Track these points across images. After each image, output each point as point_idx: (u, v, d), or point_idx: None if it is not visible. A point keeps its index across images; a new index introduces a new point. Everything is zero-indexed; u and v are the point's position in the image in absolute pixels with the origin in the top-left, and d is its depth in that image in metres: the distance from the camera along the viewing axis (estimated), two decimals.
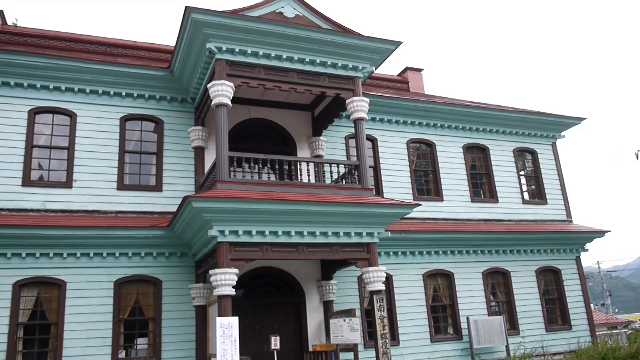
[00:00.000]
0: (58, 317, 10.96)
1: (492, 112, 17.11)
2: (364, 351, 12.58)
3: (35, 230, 10.78)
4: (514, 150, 17.58)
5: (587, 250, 17.04)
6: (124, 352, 11.40)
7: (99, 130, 12.54)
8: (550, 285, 16.50)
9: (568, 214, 17.66)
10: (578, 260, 16.99)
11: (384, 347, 10.68)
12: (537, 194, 17.62)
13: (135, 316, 11.70)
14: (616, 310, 64.15)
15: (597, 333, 16.96)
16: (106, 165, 12.35)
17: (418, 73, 20.64)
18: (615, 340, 15.89)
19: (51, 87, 12.33)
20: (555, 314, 16.33)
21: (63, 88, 12.42)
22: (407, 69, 20.53)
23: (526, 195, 17.38)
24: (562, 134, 18.46)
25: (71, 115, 12.45)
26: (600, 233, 16.75)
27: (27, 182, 11.65)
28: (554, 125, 18.22)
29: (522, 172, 17.65)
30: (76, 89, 12.53)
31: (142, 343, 11.64)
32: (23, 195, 11.53)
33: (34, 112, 12.17)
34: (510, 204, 16.78)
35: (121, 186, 12.35)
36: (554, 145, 18.37)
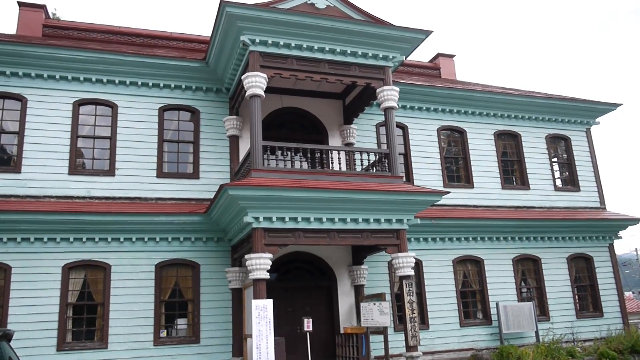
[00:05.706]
0: (104, 298, 11.62)
1: (524, 99, 17.00)
2: (394, 334, 12.94)
3: (81, 217, 11.42)
4: (547, 136, 17.47)
5: (620, 237, 16.91)
6: (165, 331, 12.02)
7: (138, 121, 13.08)
8: (582, 272, 16.47)
9: (601, 201, 17.51)
10: (611, 247, 16.89)
11: (412, 330, 11.00)
12: (570, 181, 17.51)
13: (175, 298, 12.28)
14: None
15: (630, 321, 16.88)
16: (146, 154, 12.90)
17: (450, 59, 20.56)
18: None
19: (94, 79, 12.88)
20: (587, 300, 16.32)
21: (105, 80, 12.98)
22: (438, 55, 20.47)
23: (558, 182, 17.30)
24: (597, 120, 18.24)
25: (112, 106, 13.01)
26: (634, 220, 16.59)
27: (72, 170, 12.29)
28: (588, 112, 17.99)
29: (554, 159, 17.53)
30: (117, 81, 13.06)
31: (182, 323, 12.25)
32: (69, 183, 12.18)
33: (78, 104, 12.77)
34: (542, 190, 16.74)
35: (160, 174, 12.89)
36: (588, 132, 18.15)
